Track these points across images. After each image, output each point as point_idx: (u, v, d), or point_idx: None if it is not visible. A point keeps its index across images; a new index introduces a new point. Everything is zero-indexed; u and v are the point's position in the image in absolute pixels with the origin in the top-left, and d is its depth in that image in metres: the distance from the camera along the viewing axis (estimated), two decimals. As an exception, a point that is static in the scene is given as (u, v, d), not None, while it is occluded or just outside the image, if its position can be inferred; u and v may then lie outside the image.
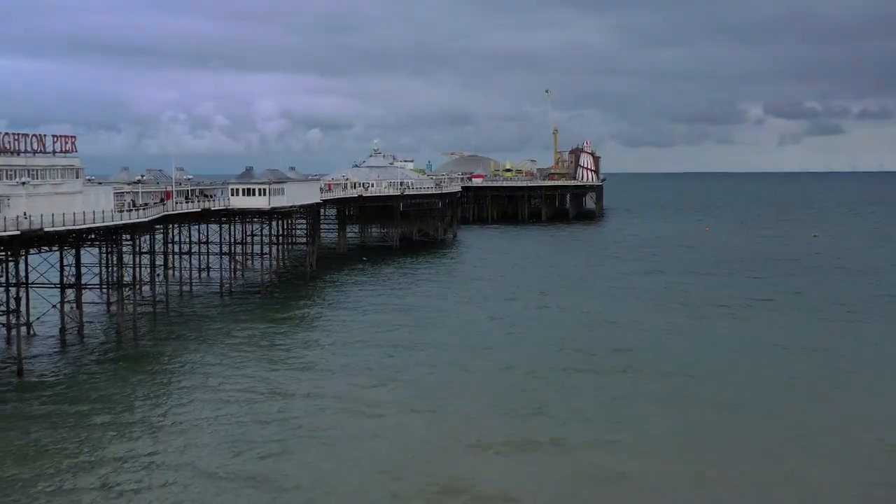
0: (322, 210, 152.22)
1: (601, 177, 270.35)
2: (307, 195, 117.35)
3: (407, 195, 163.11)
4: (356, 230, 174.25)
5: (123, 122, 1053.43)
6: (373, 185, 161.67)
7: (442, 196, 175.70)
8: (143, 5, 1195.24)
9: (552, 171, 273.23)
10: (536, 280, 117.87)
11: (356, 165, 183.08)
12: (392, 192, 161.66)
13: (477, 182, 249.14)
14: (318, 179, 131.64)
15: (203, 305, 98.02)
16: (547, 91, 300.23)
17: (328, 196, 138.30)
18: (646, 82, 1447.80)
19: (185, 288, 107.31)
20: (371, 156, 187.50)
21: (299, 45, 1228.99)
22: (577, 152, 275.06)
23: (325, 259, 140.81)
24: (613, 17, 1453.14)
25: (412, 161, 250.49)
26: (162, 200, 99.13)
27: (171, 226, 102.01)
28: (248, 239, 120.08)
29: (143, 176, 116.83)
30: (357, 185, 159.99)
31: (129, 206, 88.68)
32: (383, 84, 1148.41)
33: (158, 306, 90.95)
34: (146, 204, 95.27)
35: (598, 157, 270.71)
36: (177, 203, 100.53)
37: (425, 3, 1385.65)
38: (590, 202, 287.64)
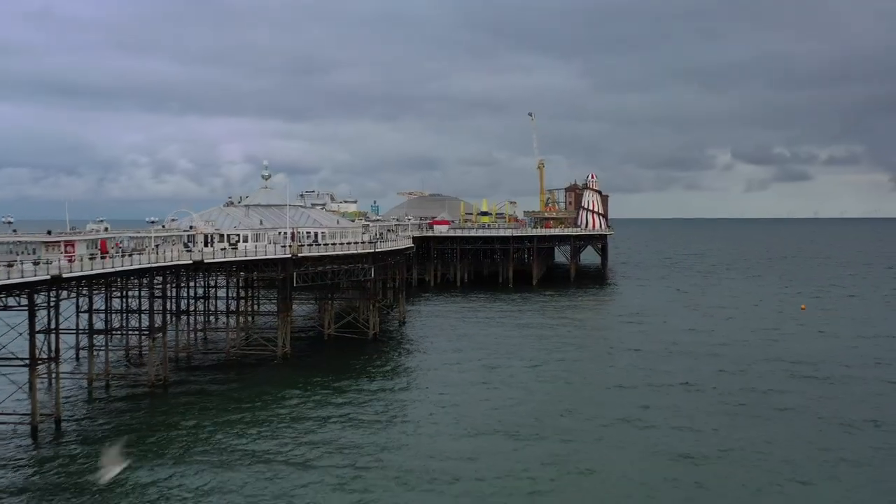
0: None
1: (609, 224, 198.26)
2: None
3: (304, 257, 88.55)
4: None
5: (85, 165, 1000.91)
6: (239, 239, 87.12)
7: (374, 256, 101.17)
8: (106, 46, 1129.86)
9: (546, 215, 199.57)
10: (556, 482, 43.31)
11: (230, 202, 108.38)
12: (277, 253, 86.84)
13: (441, 230, 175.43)
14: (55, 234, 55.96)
15: None
16: (531, 114, 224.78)
17: (71, 274, 62.43)
18: (614, 127, 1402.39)
19: None
20: (263, 187, 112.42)
21: (264, 89, 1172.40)
22: (575, 190, 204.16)
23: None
24: (580, 62, 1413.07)
25: (355, 202, 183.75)
26: None
27: None
28: None
29: None
30: (210, 238, 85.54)
31: None
32: (349, 128, 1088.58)
33: None
34: None
35: (607, 197, 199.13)
36: None
37: (392, 46, 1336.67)
38: (588, 255, 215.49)
